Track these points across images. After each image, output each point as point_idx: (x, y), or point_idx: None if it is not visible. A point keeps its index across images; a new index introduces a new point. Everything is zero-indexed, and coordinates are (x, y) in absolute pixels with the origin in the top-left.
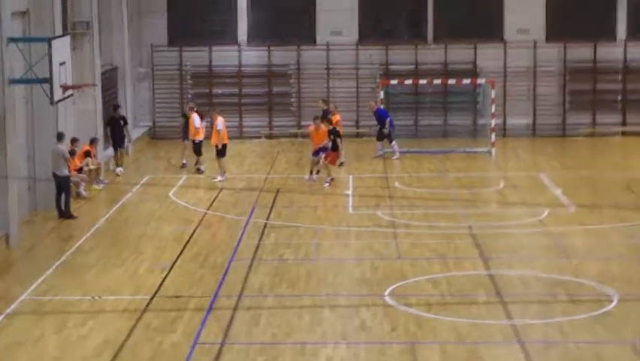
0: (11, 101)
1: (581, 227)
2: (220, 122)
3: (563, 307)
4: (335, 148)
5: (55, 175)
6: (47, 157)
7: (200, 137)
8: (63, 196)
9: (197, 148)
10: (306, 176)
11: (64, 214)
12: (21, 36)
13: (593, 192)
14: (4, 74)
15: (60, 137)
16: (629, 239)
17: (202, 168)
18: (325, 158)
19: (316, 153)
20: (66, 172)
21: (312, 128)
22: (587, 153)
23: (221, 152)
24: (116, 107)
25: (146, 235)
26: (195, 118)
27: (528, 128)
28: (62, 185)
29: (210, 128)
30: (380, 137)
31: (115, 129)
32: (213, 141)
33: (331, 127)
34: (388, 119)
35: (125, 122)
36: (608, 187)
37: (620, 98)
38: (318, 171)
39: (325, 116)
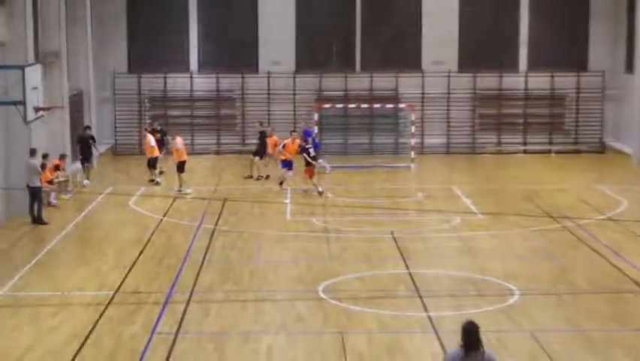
0: None
1: (487, 232)
2: (179, 142)
3: (472, 301)
4: (308, 163)
5: (28, 186)
6: (22, 170)
7: (155, 154)
8: (36, 205)
9: (152, 163)
10: (278, 187)
11: (37, 220)
12: None
13: (498, 202)
14: None
15: (32, 152)
16: (529, 242)
17: (158, 180)
18: (305, 173)
19: (284, 164)
20: (38, 183)
21: (288, 141)
22: (493, 168)
23: (180, 167)
24: (86, 127)
25: (108, 238)
26: (150, 138)
27: (443, 146)
28: (35, 195)
29: (170, 147)
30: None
31: (84, 147)
32: (174, 158)
33: (301, 146)
34: (310, 138)
35: (94, 141)
36: (511, 197)
37: (522, 121)
38: (281, 183)
39: (263, 137)
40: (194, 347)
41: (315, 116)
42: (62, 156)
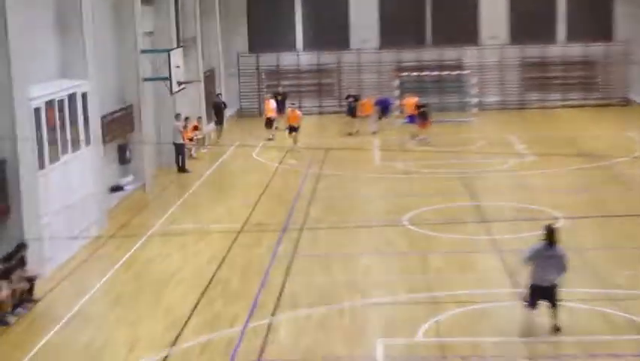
0: (144, 93)
1: (537, 171)
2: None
3: (527, 226)
4: (425, 117)
5: (174, 143)
6: (169, 131)
7: (272, 115)
8: (180, 158)
9: (269, 123)
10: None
11: (182, 169)
12: (149, 48)
13: (544, 146)
14: (139, 75)
15: (177, 117)
16: (571, 178)
17: (271, 137)
18: (420, 125)
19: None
20: (181, 140)
21: (408, 100)
22: (539, 120)
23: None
24: (218, 95)
25: (237, 182)
26: (272, 102)
27: (498, 103)
28: (179, 150)
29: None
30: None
31: (217, 111)
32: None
33: (419, 102)
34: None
35: (225, 106)
36: (555, 143)
37: (561, 82)
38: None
39: (357, 100)
40: (306, 266)
41: (396, 82)
42: (199, 119)
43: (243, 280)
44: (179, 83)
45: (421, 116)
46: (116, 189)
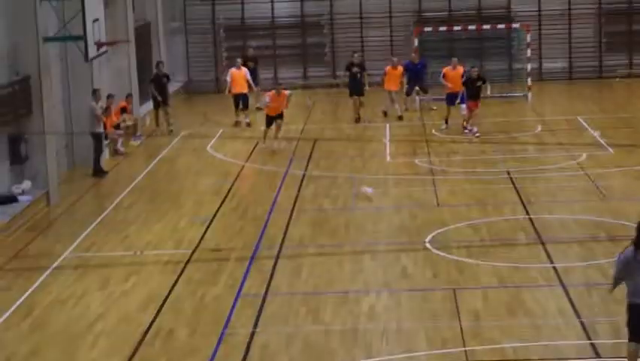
0: (46, 60)
1: (619, 169)
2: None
3: (604, 248)
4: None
5: (91, 134)
6: (84, 114)
7: (245, 90)
8: (96, 154)
9: (243, 101)
10: (443, 125)
11: (97, 172)
12: None
13: (631, 134)
14: (39, 33)
15: (94, 94)
16: None
17: (247, 120)
18: (468, 108)
19: (453, 98)
20: (100, 129)
21: (449, 68)
22: (624, 95)
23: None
24: (159, 63)
25: (184, 189)
26: (244, 71)
27: (564, 71)
28: (97, 142)
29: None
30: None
31: (159, 86)
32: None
33: (471, 72)
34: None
35: (168, 80)
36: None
37: None
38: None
39: (363, 70)
40: (285, 310)
41: (415, 42)
42: (129, 97)
43: (194, 332)
44: (99, 45)
45: (472, 92)
46: (7, 200)
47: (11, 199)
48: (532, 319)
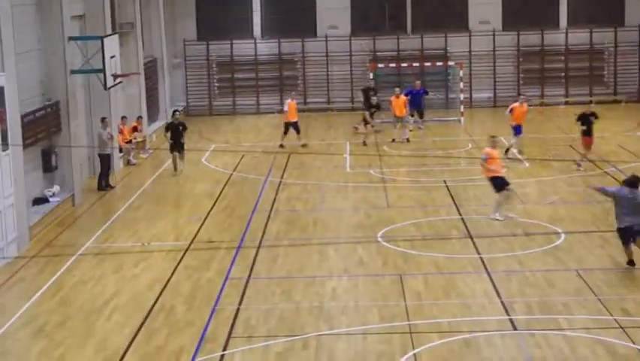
0: (73, 88)
1: (533, 178)
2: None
3: (521, 243)
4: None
5: (99, 155)
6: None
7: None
8: (102, 170)
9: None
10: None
11: (102, 186)
12: (79, 35)
13: (542, 150)
14: (67, 66)
15: (103, 122)
16: (572, 187)
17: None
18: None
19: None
20: (107, 151)
21: (517, 104)
22: (537, 119)
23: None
24: (175, 112)
25: (184, 193)
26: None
27: (490, 100)
28: (103, 162)
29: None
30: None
31: (174, 134)
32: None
33: (585, 114)
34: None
35: (185, 128)
36: (555, 146)
37: (563, 74)
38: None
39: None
40: (263, 291)
41: (370, 76)
42: (139, 118)
43: (190, 308)
44: (115, 77)
45: (585, 131)
46: (40, 201)
47: (44, 200)
48: (463, 299)
